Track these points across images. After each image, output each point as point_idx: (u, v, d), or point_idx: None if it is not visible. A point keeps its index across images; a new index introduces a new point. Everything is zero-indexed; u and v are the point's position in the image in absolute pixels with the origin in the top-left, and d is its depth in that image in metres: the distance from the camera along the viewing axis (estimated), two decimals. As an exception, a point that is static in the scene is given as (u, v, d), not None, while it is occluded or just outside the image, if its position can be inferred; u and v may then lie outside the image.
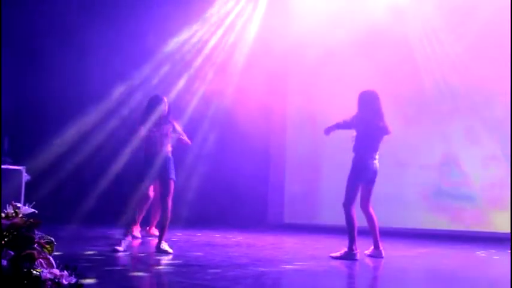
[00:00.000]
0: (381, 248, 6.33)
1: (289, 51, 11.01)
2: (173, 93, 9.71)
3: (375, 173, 6.28)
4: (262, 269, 5.27)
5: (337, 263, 5.93)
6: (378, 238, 6.32)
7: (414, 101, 10.09)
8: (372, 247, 6.38)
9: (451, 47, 9.88)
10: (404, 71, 9.99)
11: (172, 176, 6.29)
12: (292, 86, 11.29)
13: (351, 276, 5.50)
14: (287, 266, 5.59)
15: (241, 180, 10.57)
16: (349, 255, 6.10)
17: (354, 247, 6.13)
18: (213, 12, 10.77)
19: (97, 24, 10.53)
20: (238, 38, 10.85)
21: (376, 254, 6.31)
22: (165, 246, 6.18)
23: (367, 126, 6.24)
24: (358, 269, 5.76)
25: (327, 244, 7.88)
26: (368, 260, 6.18)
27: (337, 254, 6.19)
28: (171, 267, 5.30)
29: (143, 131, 6.33)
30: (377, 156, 6.30)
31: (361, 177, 6.24)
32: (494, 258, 6.91)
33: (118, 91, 9.97)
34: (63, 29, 10.51)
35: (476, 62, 9.59)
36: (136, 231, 7.85)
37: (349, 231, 6.17)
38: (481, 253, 7.28)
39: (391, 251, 6.81)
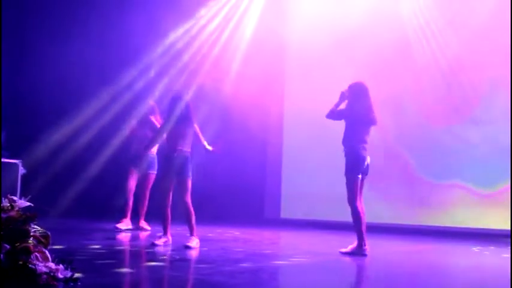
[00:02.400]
0: (366, 246, 6.06)
1: (286, 48, 11.04)
2: (169, 91, 9.69)
3: (367, 164, 6.15)
4: (259, 264, 5.27)
5: (334, 258, 5.92)
6: (364, 235, 6.07)
7: (410, 97, 10.09)
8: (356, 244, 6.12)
9: (447, 42, 9.88)
10: (401, 68, 9.99)
11: (189, 174, 6.29)
12: (289, 82, 11.27)
13: (347, 272, 5.49)
14: (283, 261, 5.59)
15: (238, 176, 10.56)
16: (358, 251, 6.01)
17: (363, 243, 6.02)
18: (209, 9, 10.72)
19: (95, 18, 10.50)
20: (235, 35, 10.80)
21: (359, 252, 6.05)
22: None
23: (357, 117, 6.17)
24: (355, 265, 5.75)
25: (324, 240, 7.89)
26: (365, 257, 6.14)
27: (347, 249, 6.10)
28: (168, 262, 5.29)
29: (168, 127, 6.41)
30: (367, 147, 6.18)
31: (358, 169, 6.10)
32: (489, 255, 6.91)
33: (114, 86, 9.94)
34: (60, 23, 10.47)
35: (474, 56, 9.60)
36: (144, 223, 7.90)
37: (357, 227, 6.03)
38: (476, 249, 7.28)
39: (386, 247, 6.81)
